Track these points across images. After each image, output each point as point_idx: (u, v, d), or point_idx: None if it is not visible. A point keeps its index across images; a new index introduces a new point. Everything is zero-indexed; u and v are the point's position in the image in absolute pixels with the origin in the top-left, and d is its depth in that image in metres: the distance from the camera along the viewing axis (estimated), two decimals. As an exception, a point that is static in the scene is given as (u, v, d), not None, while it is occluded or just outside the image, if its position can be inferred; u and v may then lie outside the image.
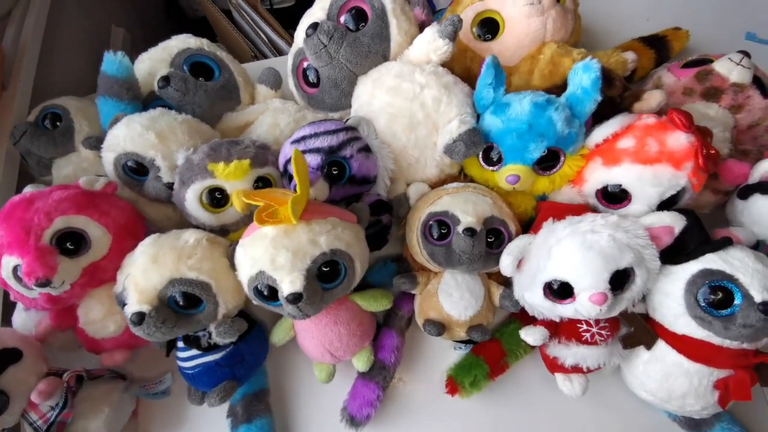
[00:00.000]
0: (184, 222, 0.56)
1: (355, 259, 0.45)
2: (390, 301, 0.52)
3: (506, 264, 0.46)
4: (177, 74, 0.56)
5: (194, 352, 0.47)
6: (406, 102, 0.51)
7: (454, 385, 0.51)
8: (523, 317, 0.53)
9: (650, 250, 0.43)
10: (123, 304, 0.44)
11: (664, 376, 0.45)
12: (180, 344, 0.48)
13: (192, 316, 0.44)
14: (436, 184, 0.55)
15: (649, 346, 0.47)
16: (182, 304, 0.43)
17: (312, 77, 0.59)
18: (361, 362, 0.51)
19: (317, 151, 0.49)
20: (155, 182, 0.51)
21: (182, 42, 0.60)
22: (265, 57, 0.99)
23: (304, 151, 0.49)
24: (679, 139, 0.44)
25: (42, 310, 0.49)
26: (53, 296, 0.45)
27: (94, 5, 0.91)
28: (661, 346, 0.46)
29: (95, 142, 0.58)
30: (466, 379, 0.51)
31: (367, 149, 0.51)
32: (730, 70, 0.54)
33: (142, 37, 1.04)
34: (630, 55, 0.60)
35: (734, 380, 0.43)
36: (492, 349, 0.53)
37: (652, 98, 0.50)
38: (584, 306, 0.42)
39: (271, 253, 0.41)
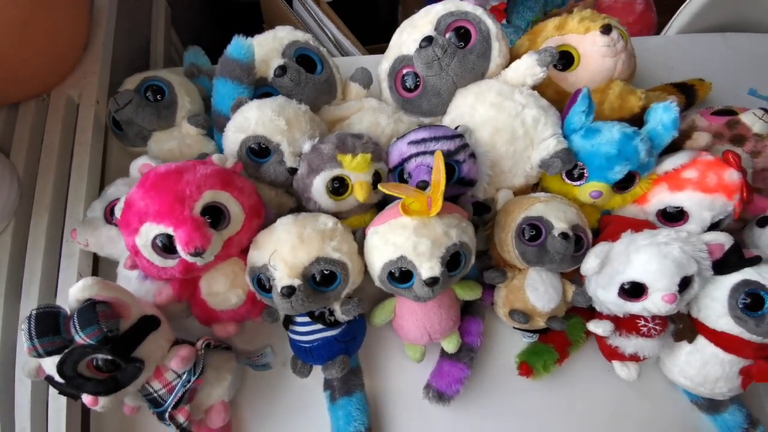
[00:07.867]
0: (282, 206, 0.59)
1: (473, 252, 0.51)
2: (480, 291, 0.58)
3: (592, 266, 0.54)
4: (292, 65, 0.58)
5: (317, 326, 0.50)
6: (509, 118, 0.58)
7: (527, 367, 0.59)
8: (581, 313, 0.62)
9: (707, 262, 0.53)
10: (258, 279, 0.47)
11: (702, 365, 0.56)
12: (300, 319, 0.51)
13: (324, 293, 0.48)
14: (518, 192, 0.63)
15: (691, 340, 0.57)
16: (319, 281, 0.47)
17: (410, 84, 0.64)
18: (451, 344, 0.57)
19: (436, 153, 0.54)
20: (277, 166, 0.53)
21: (291, 34, 0.62)
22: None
23: (424, 152, 0.54)
24: (732, 176, 0.55)
25: (161, 281, 0.50)
26: (190, 266, 0.46)
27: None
28: (701, 340, 0.57)
29: (202, 121, 0.59)
30: (538, 362, 0.59)
31: (473, 156, 0.57)
32: (753, 122, 0.66)
33: (182, 9, 1.01)
34: (674, 99, 0.71)
35: (757, 368, 0.54)
36: (559, 339, 0.61)
37: (701, 138, 0.61)
38: (656, 304, 0.51)
39: (414, 241, 0.46)
